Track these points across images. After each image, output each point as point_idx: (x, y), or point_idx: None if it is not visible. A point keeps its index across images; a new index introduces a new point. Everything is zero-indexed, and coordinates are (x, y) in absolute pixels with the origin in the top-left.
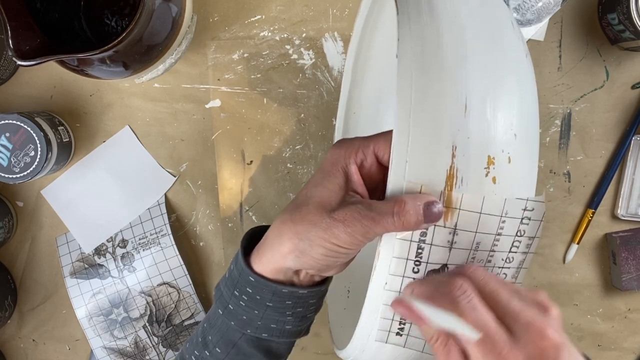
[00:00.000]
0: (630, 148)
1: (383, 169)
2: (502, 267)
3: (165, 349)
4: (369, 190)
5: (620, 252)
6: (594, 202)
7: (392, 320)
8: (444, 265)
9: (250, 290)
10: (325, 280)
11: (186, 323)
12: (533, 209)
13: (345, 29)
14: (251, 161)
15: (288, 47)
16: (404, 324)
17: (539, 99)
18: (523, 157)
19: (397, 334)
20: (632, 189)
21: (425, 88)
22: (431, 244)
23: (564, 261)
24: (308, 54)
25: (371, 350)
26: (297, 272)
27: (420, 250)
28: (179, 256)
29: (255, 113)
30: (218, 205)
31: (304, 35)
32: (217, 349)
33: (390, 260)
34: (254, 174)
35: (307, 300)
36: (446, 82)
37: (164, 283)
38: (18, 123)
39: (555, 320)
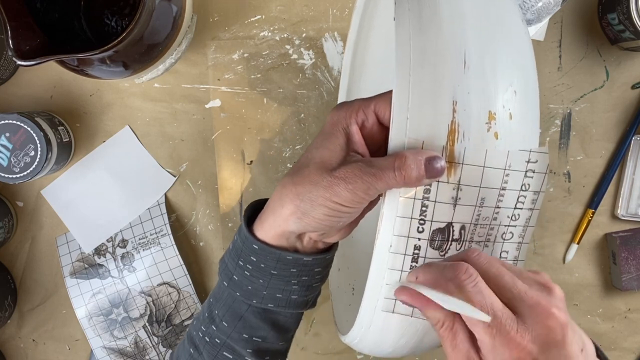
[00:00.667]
0: (630, 148)
1: (384, 129)
2: (509, 225)
3: (165, 349)
4: (371, 152)
5: (620, 252)
6: (594, 202)
7: None
8: (449, 224)
9: (254, 259)
10: (330, 249)
11: (186, 323)
12: (537, 161)
13: (345, 29)
14: (251, 161)
15: (288, 47)
16: None
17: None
18: (524, 114)
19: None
20: (632, 189)
21: (424, 46)
22: (435, 201)
23: (564, 261)
24: (308, 54)
25: (378, 325)
26: (300, 237)
27: (424, 208)
28: (179, 256)
29: (255, 113)
30: (218, 205)
31: (304, 35)
32: (223, 322)
33: (395, 220)
34: (254, 174)
35: (312, 269)
36: (444, 39)
37: (164, 283)
38: (18, 123)
39: (560, 300)
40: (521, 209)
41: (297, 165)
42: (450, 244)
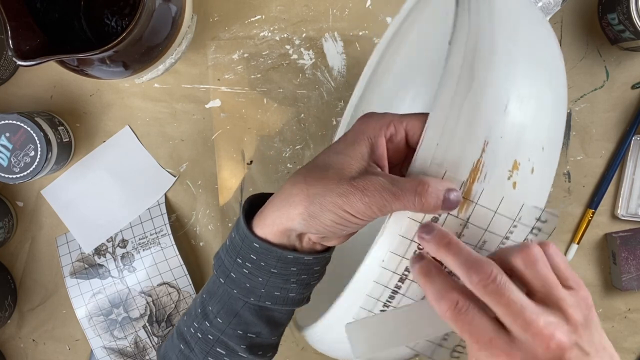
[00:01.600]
0: (630, 148)
1: (408, 149)
2: None
3: None
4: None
5: (620, 252)
6: (594, 202)
7: (378, 300)
8: None
9: (255, 257)
10: (328, 249)
11: None
12: (546, 221)
13: (345, 29)
14: (251, 161)
15: (288, 47)
16: (389, 306)
17: None
18: (544, 171)
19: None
20: (632, 189)
21: (471, 79)
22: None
23: None
24: (308, 54)
25: (339, 329)
26: (300, 236)
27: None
28: (179, 256)
29: (255, 113)
30: (218, 205)
31: (304, 35)
32: (218, 319)
33: (395, 237)
34: (254, 174)
35: (312, 267)
36: (493, 79)
37: (164, 283)
38: (18, 123)
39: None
40: None
41: (312, 165)
42: None
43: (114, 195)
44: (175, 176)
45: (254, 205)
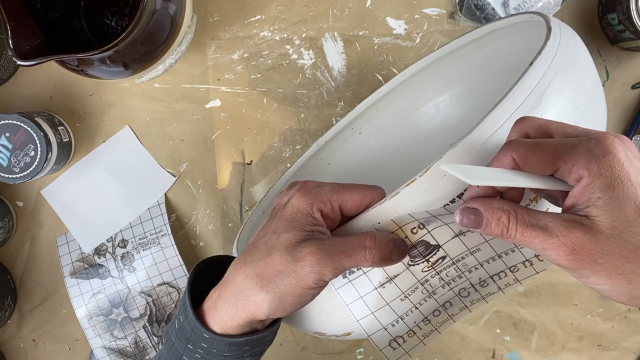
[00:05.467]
0: None
1: (343, 216)
2: (472, 286)
3: None
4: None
5: None
6: None
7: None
8: (438, 246)
9: (206, 345)
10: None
11: None
12: (543, 260)
13: (345, 29)
14: (251, 161)
15: (288, 47)
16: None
17: None
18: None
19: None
20: None
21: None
22: (446, 224)
23: None
24: (308, 54)
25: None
26: (262, 321)
27: (433, 218)
28: (179, 256)
29: (255, 113)
30: (218, 205)
31: (304, 35)
32: None
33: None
34: (254, 174)
35: (264, 340)
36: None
37: (164, 283)
38: (18, 123)
39: None
40: (494, 282)
41: (257, 253)
42: (422, 262)
43: (114, 195)
44: (175, 176)
45: (198, 277)
